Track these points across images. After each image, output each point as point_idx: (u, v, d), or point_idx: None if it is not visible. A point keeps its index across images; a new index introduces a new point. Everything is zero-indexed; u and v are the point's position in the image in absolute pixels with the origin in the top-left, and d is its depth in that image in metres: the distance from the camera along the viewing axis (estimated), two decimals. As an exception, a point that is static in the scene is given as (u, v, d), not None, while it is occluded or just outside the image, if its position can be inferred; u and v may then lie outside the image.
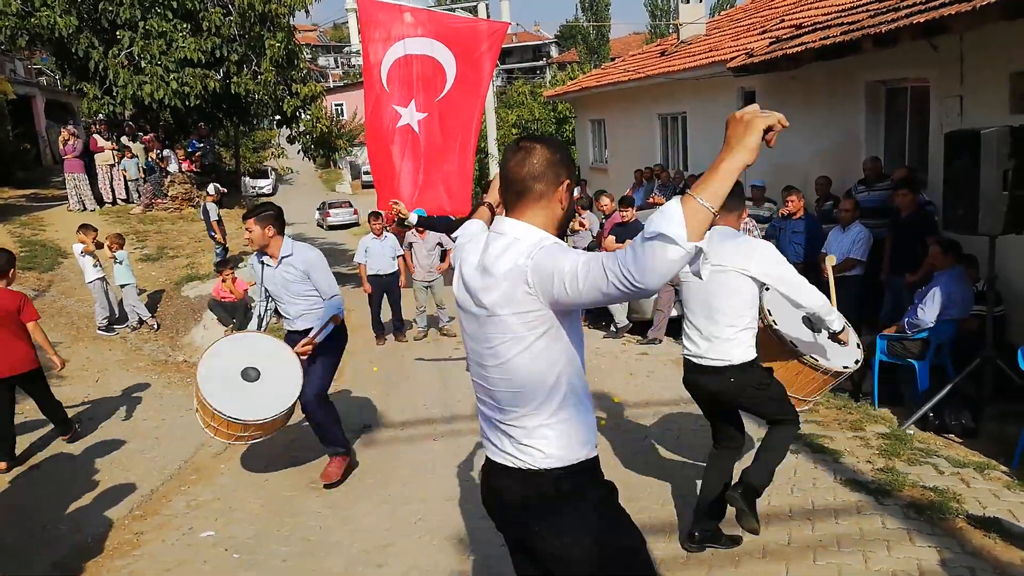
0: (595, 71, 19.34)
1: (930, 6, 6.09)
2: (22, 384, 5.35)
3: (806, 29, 8.72)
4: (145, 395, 7.08)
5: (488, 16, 15.89)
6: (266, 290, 4.77)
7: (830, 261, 4.87)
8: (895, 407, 5.60)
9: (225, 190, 12.77)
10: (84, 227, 8.83)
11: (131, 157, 14.40)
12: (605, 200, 9.47)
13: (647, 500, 4.27)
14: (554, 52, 60.22)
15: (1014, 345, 4.90)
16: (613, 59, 32.23)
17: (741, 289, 3.30)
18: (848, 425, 5.28)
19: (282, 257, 4.61)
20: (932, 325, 5.41)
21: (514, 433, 1.98)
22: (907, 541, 3.64)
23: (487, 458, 2.11)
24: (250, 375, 4.50)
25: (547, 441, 1.95)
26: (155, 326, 9.21)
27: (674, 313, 8.28)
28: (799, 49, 7.91)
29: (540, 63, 59.53)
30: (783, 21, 10.45)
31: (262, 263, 4.71)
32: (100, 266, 8.82)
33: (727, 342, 3.34)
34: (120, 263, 8.97)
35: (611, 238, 8.38)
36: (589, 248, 9.89)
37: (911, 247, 6.29)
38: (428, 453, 5.34)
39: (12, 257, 5.48)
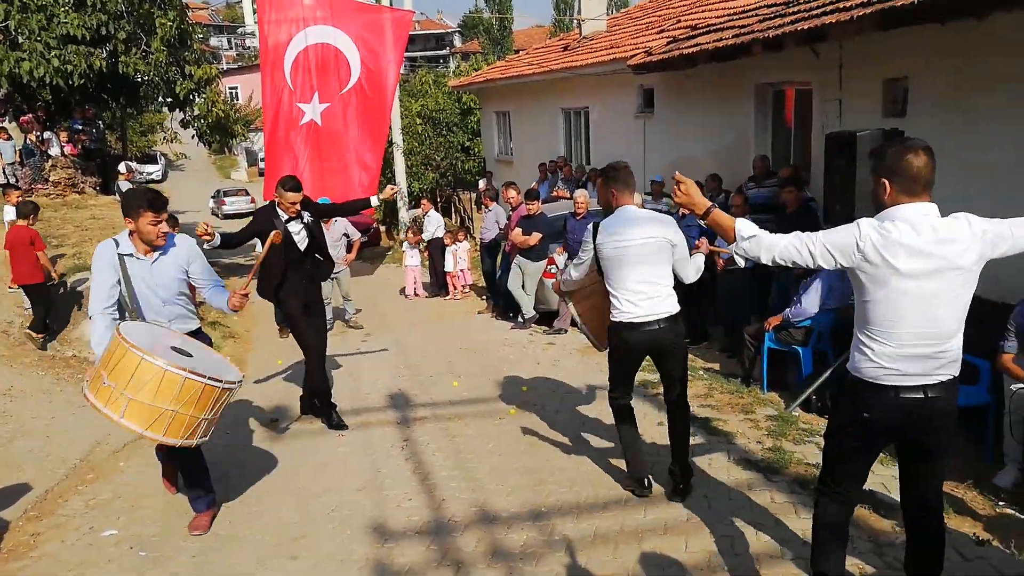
0: (500, 63, 19.47)
1: (813, 14, 6.53)
2: (28, 291, 8.19)
3: (701, 30, 9.14)
4: (32, 392, 6.70)
5: (391, 3, 15.70)
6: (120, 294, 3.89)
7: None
8: (782, 391, 6.01)
9: (135, 167, 12.15)
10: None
11: (7, 139, 13.42)
12: (512, 192, 9.62)
13: (555, 483, 4.44)
14: (457, 42, 60.01)
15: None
16: (516, 51, 32.46)
17: (668, 255, 4.03)
18: (740, 408, 5.63)
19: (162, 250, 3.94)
20: (814, 314, 5.84)
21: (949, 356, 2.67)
22: (793, 514, 3.95)
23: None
24: (184, 352, 3.67)
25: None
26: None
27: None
28: (694, 50, 8.29)
29: (444, 52, 59.19)
30: (679, 21, 10.89)
31: (122, 258, 3.87)
32: None
33: (670, 297, 4.04)
34: None
35: (517, 230, 8.53)
36: (497, 239, 10.04)
37: (795, 241, 6.74)
38: (338, 445, 5.33)
39: (38, 207, 8.86)
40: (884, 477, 4.37)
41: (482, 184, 15.27)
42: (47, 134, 13.85)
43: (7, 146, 13.45)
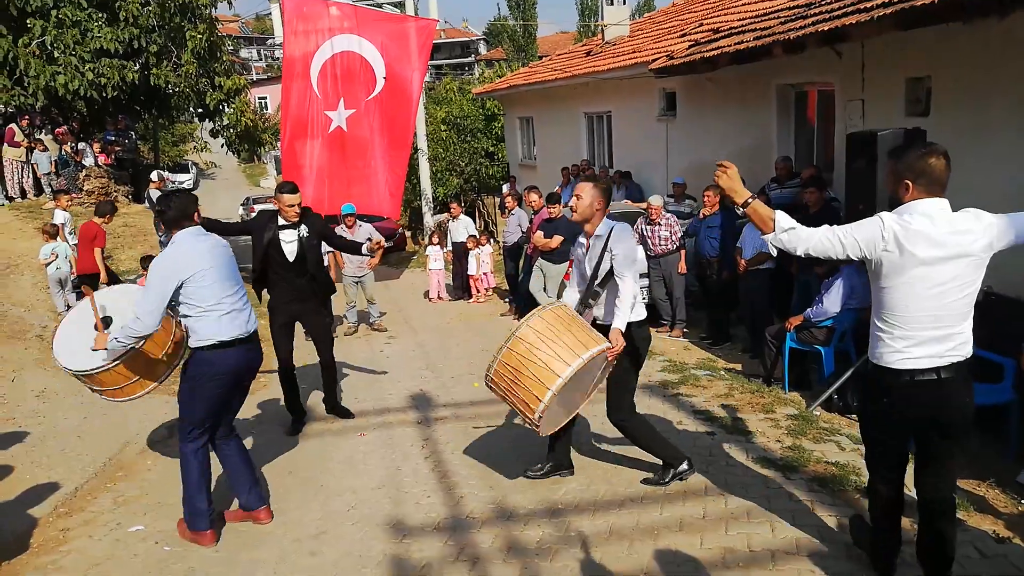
0: (523, 69, 19.57)
1: (834, 15, 6.50)
2: (85, 282, 8.23)
3: (722, 33, 9.13)
4: (65, 394, 6.87)
5: (416, 12, 15.87)
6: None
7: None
8: (803, 391, 5.98)
9: (168, 176, 12.47)
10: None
11: (43, 150, 13.80)
12: (533, 196, 9.67)
13: (572, 481, 4.47)
14: (482, 49, 60.34)
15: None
16: (541, 57, 32.59)
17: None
18: (760, 408, 5.61)
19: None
20: (836, 314, 5.80)
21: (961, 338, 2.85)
22: (810, 511, 3.94)
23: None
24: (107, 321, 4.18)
25: None
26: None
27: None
28: (715, 53, 8.28)
29: (468, 60, 59.55)
30: (701, 25, 10.88)
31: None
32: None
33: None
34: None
35: (539, 233, 8.58)
36: (519, 242, 10.11)
37: (818, 241, 6.69)
38: (359, 445, 5.41)
39: (115, 208, 9.49)
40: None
41: (505, 189, 15.36)
42: (81, 145, 14.23)
43: (43, 157, 13.83)
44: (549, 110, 15.60)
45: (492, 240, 12.28)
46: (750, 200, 3.14)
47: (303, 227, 5.40)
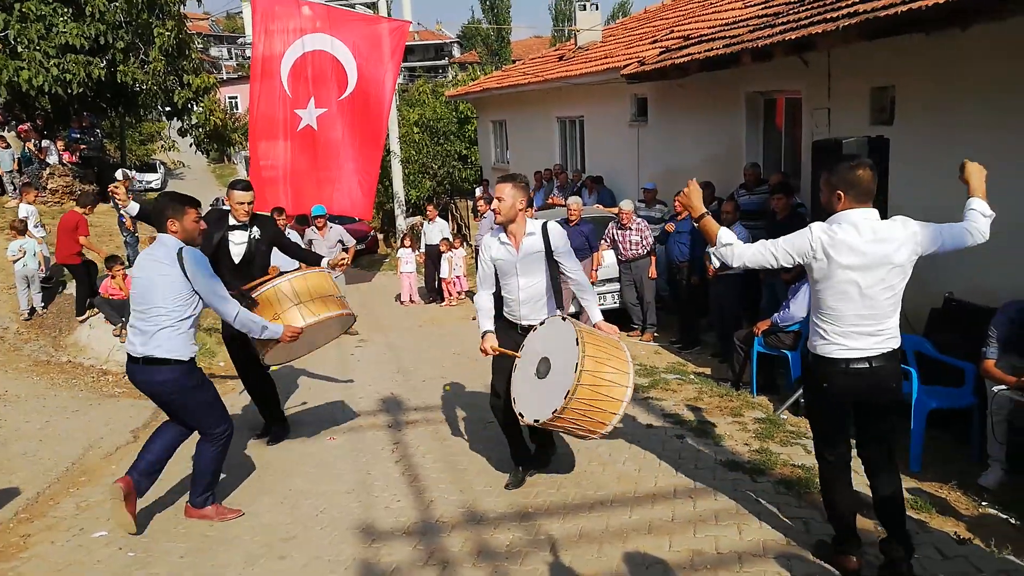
0: (496, 73, 19.59)
1: (801, 24, 6.61)
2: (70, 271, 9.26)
3: (693, 40, 9.23)
4: (26, 397, 6.73)
5: (389, 14, 15.82)
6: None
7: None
8: (771, 395, 6.06)
9: (133, 175, 12.30)
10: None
11: (5, 147, 13.50)
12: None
13: (543, 485, 4.48)
14: (456, 52, 60.27)
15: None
16: (514, 61, 32.64)
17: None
18: (729, 411, 5.68)
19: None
20: (802, 318, 5.89)
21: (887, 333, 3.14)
22: (777, 514, 3.99)
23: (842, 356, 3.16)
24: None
25: None
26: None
27: (572, 309, 8.57)
28: (686, 59, 8.37)
29: (442, 62, 59.44)
30: (672, 32, 10.99)
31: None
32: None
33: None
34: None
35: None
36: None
37: (785, 247, 6.79)
38: (330, 449, 5.37)
39: (97, 200, 9.24)
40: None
41: (478, 192, 15.34)
42: (45, 143, 13.93)
43: (5, 154, 13.53)
44: (522, 114, 15.63)
45: (465, 243, 12.26)
46: (704, 215, 3.48)
47: (254, 229, 5.13)
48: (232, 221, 5.09)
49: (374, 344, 8.96)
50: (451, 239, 11.89)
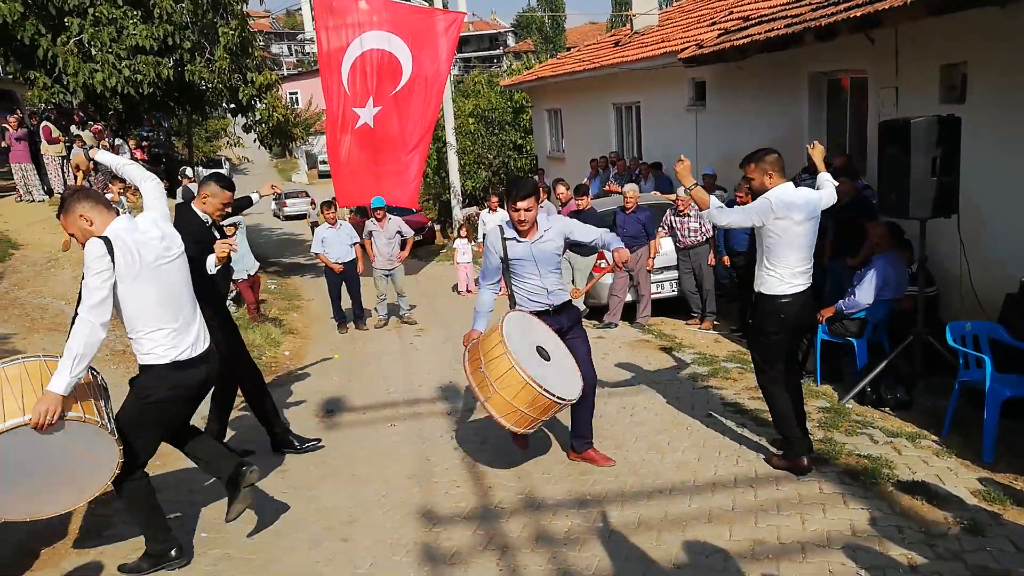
0: (551, 61, 19.50)
1: (866, 0, 6.39)
2: None
3: (752, 21, 9.02)
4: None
5: (445, 6, 15.90)
6: None
7: None
8: (835, 383, 5.91)
9: (201, 171, 12.80)
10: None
11: (81, 146, 14.09)
12: (561, 188, 9.67)
13: (601, 473, 4.48)
14: (511, 41, 60.21)
15: (944, 323, 5.22)
16: (569, 49, 32.41)
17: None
18: (791, 400, 5.55)
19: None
20: (868, 305, 5.72)
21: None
22: (841, 504, 3.91)
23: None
24: (544, 353, 4.18)
25: None
26: None
27: (629, 298, 8.54)
28: (745, 41, 8.18)
29: (497, 52, 59.48)
30: (731, 13, 10.74)
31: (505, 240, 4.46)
32: None
33: None
34: None
35: (567, 225, 8.58)
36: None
37: (851, 232, 6.61)
38: (390, 436, 5.48)
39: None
40: (939, 469, 4.29)
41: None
42: (118, 141, 14.51)
43: (81, 154, 14.13)
44: (577, 102, 15.54)
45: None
46: (693, 185, 4.44)
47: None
48: (205, 219, 4.69)
49: (432, 333, 9.08)
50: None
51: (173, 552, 3.64)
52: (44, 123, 14.00)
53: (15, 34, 12.66)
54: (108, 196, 11.06)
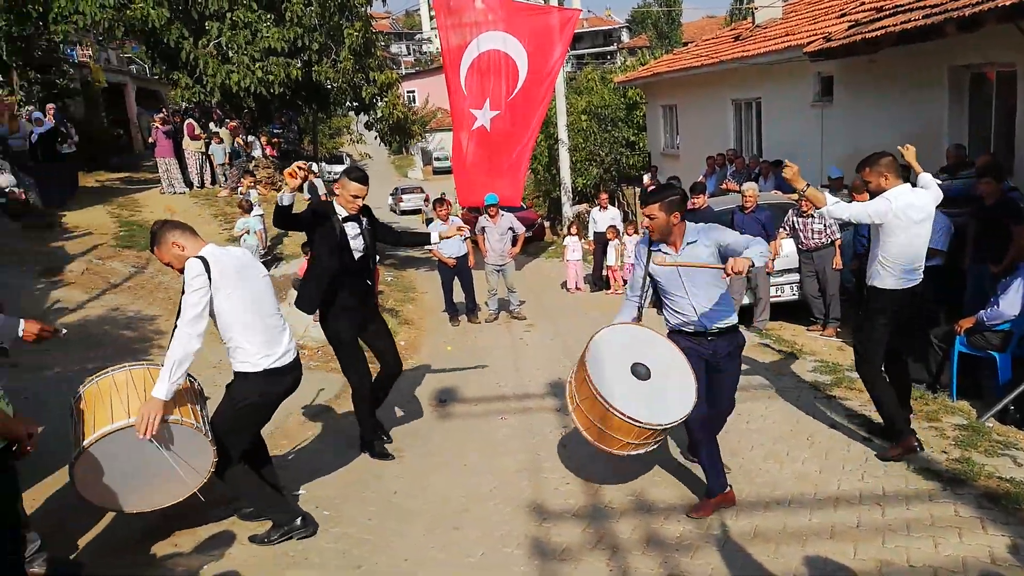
0: (667, 56, 19.14)
1: (1021, -12, 5.90)
2: None
3: (886, 12, 8.52)
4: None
5: (560, 3, 15.91)
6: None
7: None
8: (974, 400, 5.51)
9: (325, 167, 13.48)
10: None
11: (219, 143, 15.08)
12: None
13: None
14: (625, 37, 59.54)
15: (1102, 338, 4.76)
16: (685, 44, 31.71)
17: None
18: (924, 416, 5.22)
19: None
20: (1014, 317, 5.29)
21: None
22: (979, 529, 3.64)
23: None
24: (640, 372, 3.82)
25: None
26: None
27: (746, 300, 8.25)
28: (879, 33, 7.74)
29: (611, 48, 58.96)
30: (863, 4, 10.19)
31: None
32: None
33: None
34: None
35: (682, 224, 8.40)
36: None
37: (995, 235, 6.14)
38: (501, 429, 5.55)
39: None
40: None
41: (646, 179, 15.14)
42: (251, 138, 15.41)
43: (219, 149, 15.13)
44: (694, 97, 15.19)
45: (636, 231, 12.12)
46: (806, 187, 4.41)
47: (364, 219, 4.80)
48: (342, 212, 4.70)
49: (541, 330, 9.13)
50: (619, 227, 11.82)
51: (298, 521, 3.89)
52: (188, 120, 15.05)
53: (162, 38, 13.70)
54: (240, 189, 11.79)
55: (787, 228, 8.11)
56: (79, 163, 15.09)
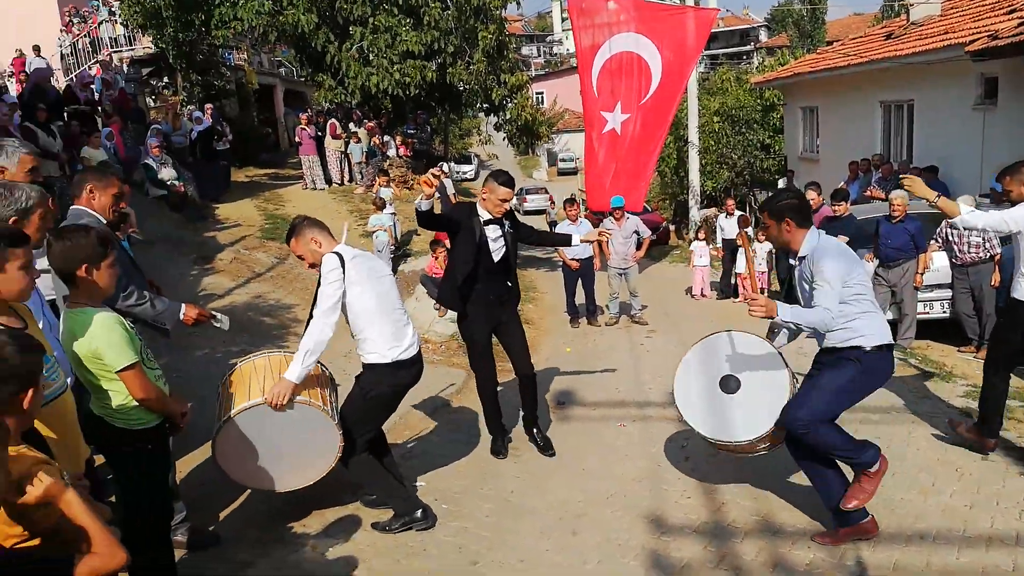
0: (809, 56, 18.28)
1: None
2: None
3: (1070, 5, 7.71)
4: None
5: (696, 2, 15.50)
6: None
7: None
8: None
9: (454, 167, 13.88)
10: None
11: (357, 142, 15.78)
12: (812, 194, 9.03)
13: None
14: (763, 36, 57.37)
15: None
16: (829, 43, 30.12)
17: None
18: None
19: None
20: None
21: None
22: None
23: None
24: (729, 385, 3.98)
25: None
26: None
27: (890, 316, 7.73)
28: (1060, 29, 7.02)
29: (747, 48, 56.99)
30: (1040, -3, 9.30)
31: None
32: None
33: None
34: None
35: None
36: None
37: None
38: (620, 435, 5.47)
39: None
40: None
41: (782, 184, 14.52)
42: (386, 138, 16.02)
43: (356, 148, 15.83)
44: (837, 99, 14.40)
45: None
46: (937, 197, 4.15)
47: (506, 222, 4.80)
48: (484, 215, 4.69)
49: (663, 336, 8.92)
50: (750, 233, 11.38)
51: (418, 513, 3.99)
52: (331, 120, 15.84)
53: (310, 42, 14.49)
54: (374, 187, 12.27)
55: (940, 240, 7.51)
56: (232, 159, 16.19)
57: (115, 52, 18.87)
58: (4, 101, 10.67)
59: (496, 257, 4.78)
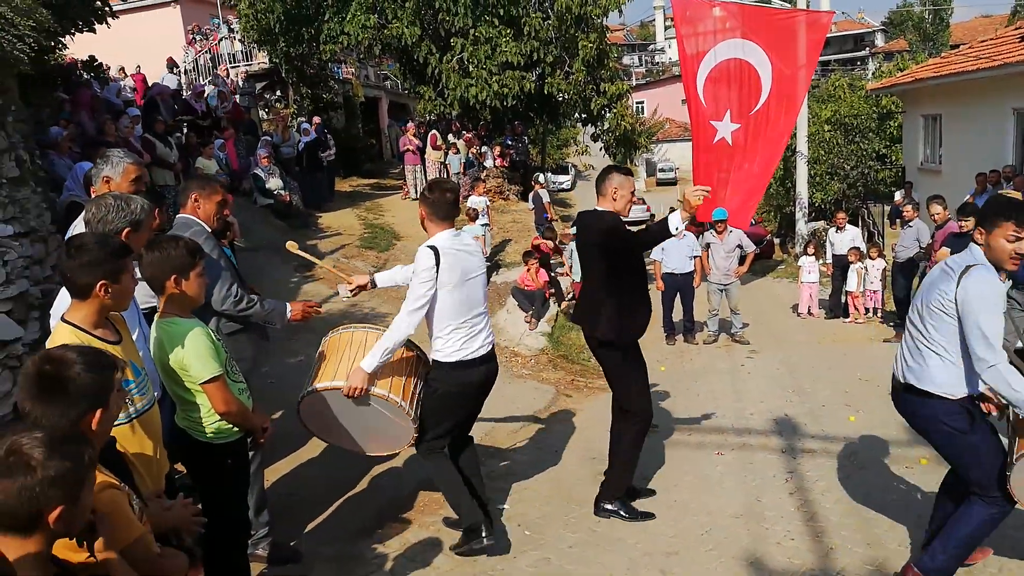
0: (932, 60, 17.11)
1: None
2: None
3: None
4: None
5: (808, 5, 14.79)
6: None
7: None
8: None
9: (551, 177, 13.76)
10: None
11: (455, 153, 15.93)
12: (937, 207, 8.33)
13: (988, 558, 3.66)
14: (879, 41, 54.55)
15: None
16: (954, 47, 28.23)
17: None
18: None
19: None
20: None
21: None
22: None
23: None
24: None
25: None
26: None
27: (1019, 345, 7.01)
28: None
29: (861, 53, 54.31)
30: None
31: None
32: None
33: None
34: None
35: (944, 250, 7.33)
36: (915, 259, 8.83)
37: None
38: (716, 464, 5.14)
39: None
40: None
41: (898, 196, 13.62)
42: (484, 148, 16.08)
43: (455, 159, 15.96)
44: (964, 106, 13.38)
45: (881, 255, 10.90)
46: None
47: None
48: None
49: (766, 357, 8.44)
50: (863, 249, 10.68)
51: (483, 528, 3.75)
52: (432, 131, 16.06)
53: (413, 54, 14.73)
54: (472, 196, 12.29)
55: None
56: (336, 169, 16.66)
57: (232, 67, 19.86)
58: (128, 114, 11.32)
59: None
